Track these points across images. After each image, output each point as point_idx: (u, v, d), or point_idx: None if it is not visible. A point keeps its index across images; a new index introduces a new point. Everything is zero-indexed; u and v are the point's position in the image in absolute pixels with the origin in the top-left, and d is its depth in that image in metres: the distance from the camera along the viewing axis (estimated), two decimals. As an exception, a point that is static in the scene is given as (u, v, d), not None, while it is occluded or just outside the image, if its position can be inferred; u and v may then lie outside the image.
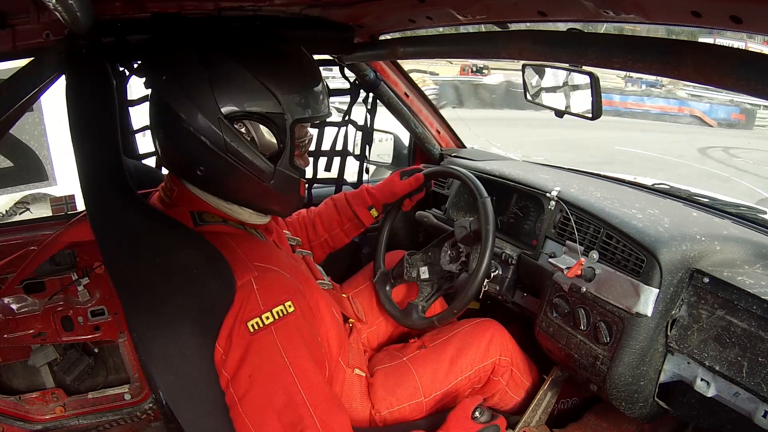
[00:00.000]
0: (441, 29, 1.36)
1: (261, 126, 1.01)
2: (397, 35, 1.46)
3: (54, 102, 2.06)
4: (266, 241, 1.11)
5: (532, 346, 1.50)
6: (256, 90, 0.99)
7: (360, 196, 1.52)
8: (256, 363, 0.93)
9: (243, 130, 1.00)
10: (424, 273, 1.53)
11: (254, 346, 0.93)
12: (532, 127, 11.72)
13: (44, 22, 1.09)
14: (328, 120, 1.65)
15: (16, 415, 1.66)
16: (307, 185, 1.18)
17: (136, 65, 1.32)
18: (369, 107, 1.79)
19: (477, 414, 1.17)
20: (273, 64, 1.02)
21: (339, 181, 1.81)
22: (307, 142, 1.13)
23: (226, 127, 0.98)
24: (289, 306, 0.96)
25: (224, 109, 0.97)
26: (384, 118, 1.86)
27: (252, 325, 0.92)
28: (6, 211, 3.10)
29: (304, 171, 1.12)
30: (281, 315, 0.94)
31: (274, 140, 1.03)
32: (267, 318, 0.93)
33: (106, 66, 1.16)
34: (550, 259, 1.34)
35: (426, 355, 1.39)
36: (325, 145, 1.76)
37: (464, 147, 2.08)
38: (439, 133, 2.01)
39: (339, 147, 1.78)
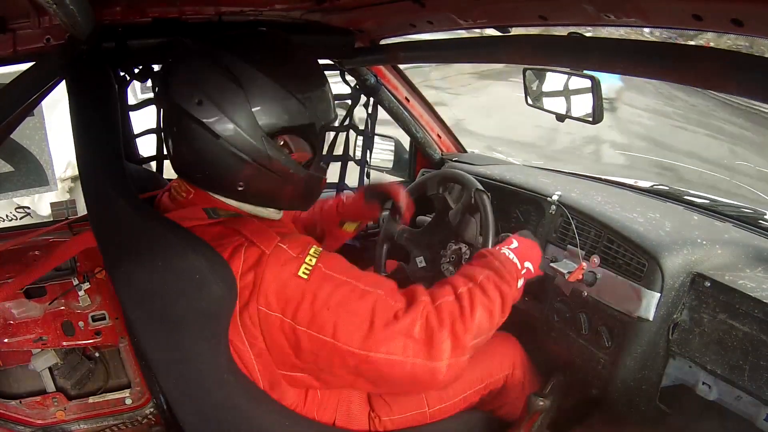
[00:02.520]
0: (442, 34, 1.36)
1: (297, 137, 1.06)
2: (397, 40, 1.46)
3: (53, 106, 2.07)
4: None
5: (534, 350, 1.49)
6: (290, 104, 1.02)
7: (330, 211, 1.52)
8: (326, 296, 0.97)
9: (282, 143, 1.04)
10: (421, 262, 1.52)
11: (313, 287, 0.97)
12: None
13: (45, 27, 1.08)
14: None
15: (17, 420, 1.65)
16: None
17: (137, 70, 1.32)
18: (369, 112, 1.79)
19: None
20: (297, 75, 1.05)
21: (340, 186, 1.81)
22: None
23: (270, 143, 1.01)
24: (317, 247, 1.02)
25: (265, 127, 1.00)
26: (383, 123, 1.87)
27: (303, 273, 0.97)
28: (6, 215, 3.10)
29: (326, 169, 1.18)
30: (316, 253, 1.00)
31: (308, 149, 1.08)
32: (310, 260, 0.99)
33: (107, 71, 1.16)
34: (552, 264, 1.34)
35: None
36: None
37: (465, 152, 2.08)
38: (440, 137, 2.00)
39: (339, 152, 1.78)
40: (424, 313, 0.99)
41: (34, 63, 1.12)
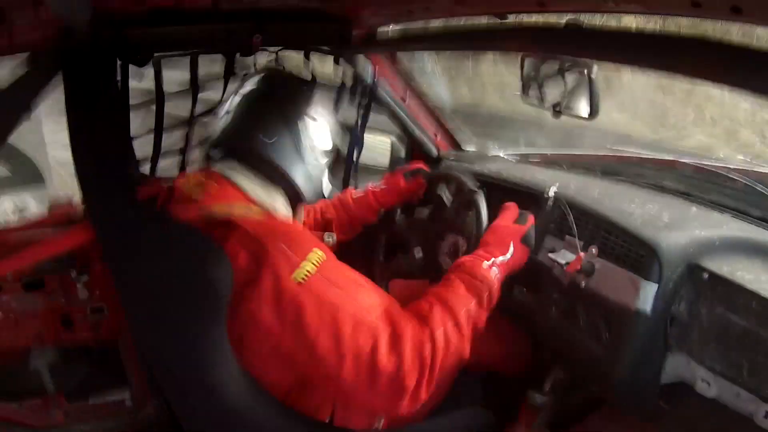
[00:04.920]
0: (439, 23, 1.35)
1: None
2: (395, 29, 1.45)
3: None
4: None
5: (532, 343, 1.50)
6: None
7: (368, 204, 1.60)
8: (312, 307, 0.98)
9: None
10: (419, 252, 1.53)
11: (304, 293, 0.98)
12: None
13: (42, 19, 1.08)
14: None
15: (18, 422, 1.65)
16: None
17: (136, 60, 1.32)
18: (363, 109, 1.76)
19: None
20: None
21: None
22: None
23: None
24: (319, 251, 1.03)
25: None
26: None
27: (297, 277, 0.98)
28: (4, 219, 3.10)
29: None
30: (317, 260, 1.01)
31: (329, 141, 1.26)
32: (307, 265, 1.00)
33: (105, 62, 1.16)
34: (550, 254, 1.33)
35: None
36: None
37: (462, 150, 2.07)
38: (436, 136, 1.99)
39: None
40: (403, 357, 0.99)
41: (30, 55, 1.12)
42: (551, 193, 1.44)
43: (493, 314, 1.48)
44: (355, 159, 1.78)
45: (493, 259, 1.20)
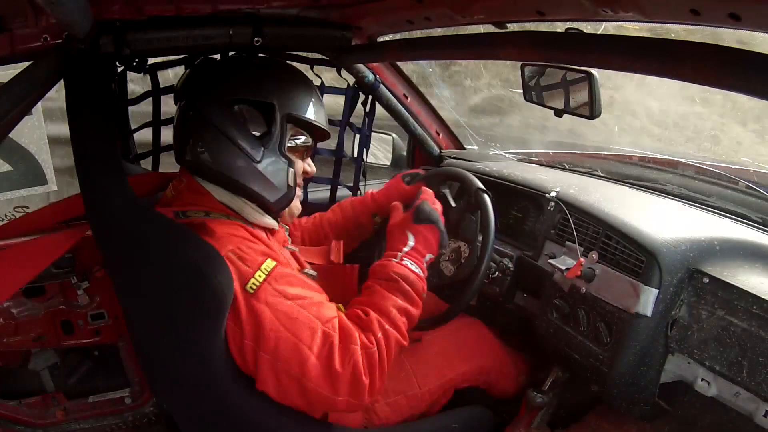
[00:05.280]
0: (440, 31, 1.36)
1: (255, 113, 1.15)
2: (395, 37, 1.46)
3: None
4: (259, 232, 1.17)
5: (533, 347, 1.49)
6: (249, 76, 1.18)
7: (364, 204, 1.56)
8: (269, 315, 1.00)
9: (237, 111, 1.14)
10: None
11: (259, 303, 1.00)
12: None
13: (42, 26, 1.08)
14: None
15: (17, 420, 1.65)
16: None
17: (134, 64, 1.33)
18: (367, 110, 1.78)
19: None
20: (276, 64, 1.27)
21: (334, 181, 1.81)
22: (301, 145, 1.23)
23: (223, 106, 1.13)
24: (270, 262, 1.04)
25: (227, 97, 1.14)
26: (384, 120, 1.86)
27: (250, 287, 1.00)
28: (5, 215, 3.09)
29: (294, 164, 1.21)
30: (268, 270, 1.03)
31: (264, 126, 1.16)
32: (259, 276, 1.01)
33: (105, 68, 1.16)
34: (550, 260, 1.33)
35: (421, 348, 1.39)
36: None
37: (464, 148, 2.08)
38: (438, 134, 2.00)
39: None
40: (356, 361, 1.03)
41: (32, 62, 1.12)
42: (552, 197, 1.44)
43: (493, 334, 1.52)
44: (363, 160, 1.79)
45: (398, 253, 1.21)
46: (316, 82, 1.55)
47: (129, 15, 1.16)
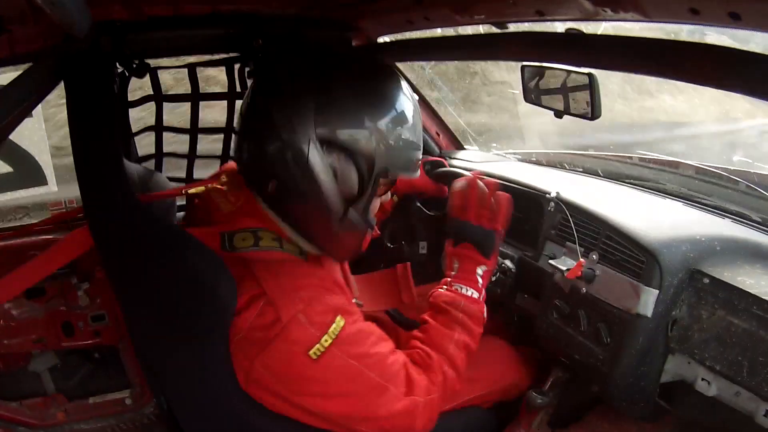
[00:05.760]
0: (439, 31, 1.36)
1: (350, 166, 0.99)
2: (395, 38, 1.46)
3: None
4: (316, 267, 1.08)
5: (533, 347, 1.49)
6: (359, 125, 0.97)
7: None
8: (332, 380, 0.98)
9: (330, 160, 0.97)
10: (423, 248, 1.52)
11: (320, 371, 0.97)
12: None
13: (42, 28, 1.08)
14: None
15: (18, 421, 1.65)
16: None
17: (135, 65, 1.32)
18: None
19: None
20: (387, 105, 1.01)
21: None
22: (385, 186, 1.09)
23: (316, 148, 0.95)
24: (340, 320, 0.97)
25: (319, 131, 0.95)
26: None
27: (314, 353, 0.95)
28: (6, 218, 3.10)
29: (374, 226, 1.11)
30: (336, 333, 0.96)
31: (356, 181, 1.01)
32: (326, 341, 0.95)
33: (106, 69, 1.16)
34: (550, 261, 1.33)
35: None
36: None
37: (464, 149, 2.07)
38: (438, 135, 2.00)
39: None
40: (416, 413, 1.05)
41: (31, 64, 1.12)
42: (552, 197, 1.44)
43: (501, 342, 1.50)
44: None
45: (448, 279, 1.20)
46: None
47: (128, 15, 1.16)
